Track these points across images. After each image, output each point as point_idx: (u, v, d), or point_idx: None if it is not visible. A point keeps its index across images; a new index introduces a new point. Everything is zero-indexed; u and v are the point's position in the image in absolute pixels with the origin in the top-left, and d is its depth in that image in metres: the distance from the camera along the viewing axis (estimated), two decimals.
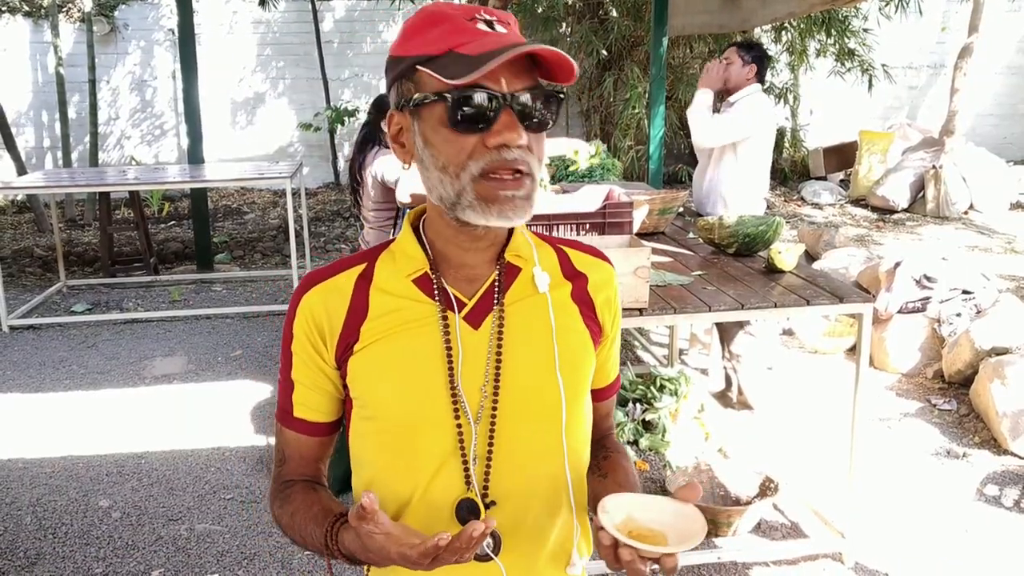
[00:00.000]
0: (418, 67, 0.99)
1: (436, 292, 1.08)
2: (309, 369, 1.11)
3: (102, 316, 5.76)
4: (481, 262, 1.10)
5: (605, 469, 1.19)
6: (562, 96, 1.03)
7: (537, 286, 1.10)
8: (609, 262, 1.20)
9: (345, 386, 1.11)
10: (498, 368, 1.07)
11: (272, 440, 3.85)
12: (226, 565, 2.95)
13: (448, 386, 1.05)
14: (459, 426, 1.06)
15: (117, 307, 6.03)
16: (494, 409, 1.07)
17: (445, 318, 1.07)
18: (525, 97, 0.98)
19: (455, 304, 1.08)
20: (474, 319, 1.08)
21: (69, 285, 6.52)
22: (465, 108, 0.97)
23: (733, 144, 4.02)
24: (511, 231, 1.12)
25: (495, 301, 1.09)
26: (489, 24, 0.99)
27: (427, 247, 1.09)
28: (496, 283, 1.10)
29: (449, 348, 1.06)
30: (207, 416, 4.15)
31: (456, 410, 1.05)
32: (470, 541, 0.90)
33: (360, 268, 1.11)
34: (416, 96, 1.00)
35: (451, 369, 1.05)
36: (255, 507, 3.32)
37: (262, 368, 4.78)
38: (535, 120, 1.00)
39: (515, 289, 1.10)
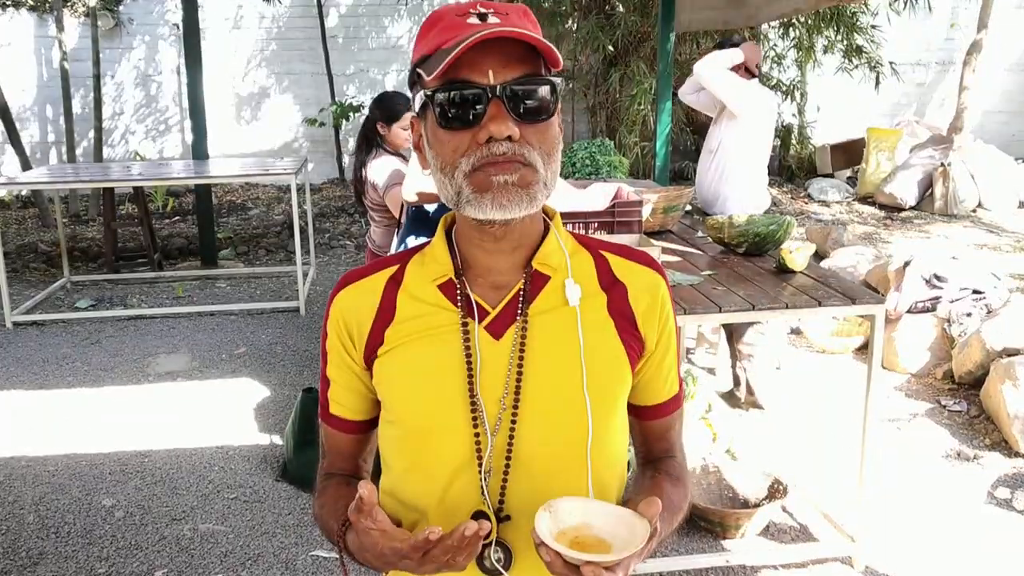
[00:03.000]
0: (417, 70, 1.00)
1: (459, 299, 1.05)
2: (341, 368, 1.11)
3: (106, 312, 5.74)
4: (508, 268, 1.06)
5: (642, 489, 1.12)
6: (556, 82, 0.98)
7: (567, 298, 1.05)
8: (657, 268, 1.13)
9: (374, 387, 1.11)
10: (519, 381, 1.03)
11: (277, 439, 3.83)
12: (230, 566, 2.92)
13: (466, 395, 1.03)
14: (476, 435, 1.03)
15: (121, 303, 6.01)
16: (513, 422, 1.03)
17: (466, 326, 1.04)
18: (514, 87, 0.95)
19: (477, 312, 1.05)
20: (496, 329, 1.05)
21: (73, 281, 6.50)
22: (450, 104, 0.95)
23: (733, 138, 4.01)
24: (543, 235, 1.08)
25: (519, 311, 1.05)
26: (482, 17, 0.97)
27: (455, 252, 1.08)
28: (522, 292, 1.06)
29: (469, 357, 1.03)
30: (211, 414, 4.13)
31: (474, 419, 1.03)
32: (462, 540, 0.88)
33: (392, 270, 1.11)
34: (417, 100, 1.01)
35: (470, 378, 1.03)
36: (259, 507, 3.29)
37: (266, 365, 4.76)
38: (527, 110, 0.96)
39: (542, 299, 1.06)
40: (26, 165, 8.10)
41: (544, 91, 0.97)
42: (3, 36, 9.53)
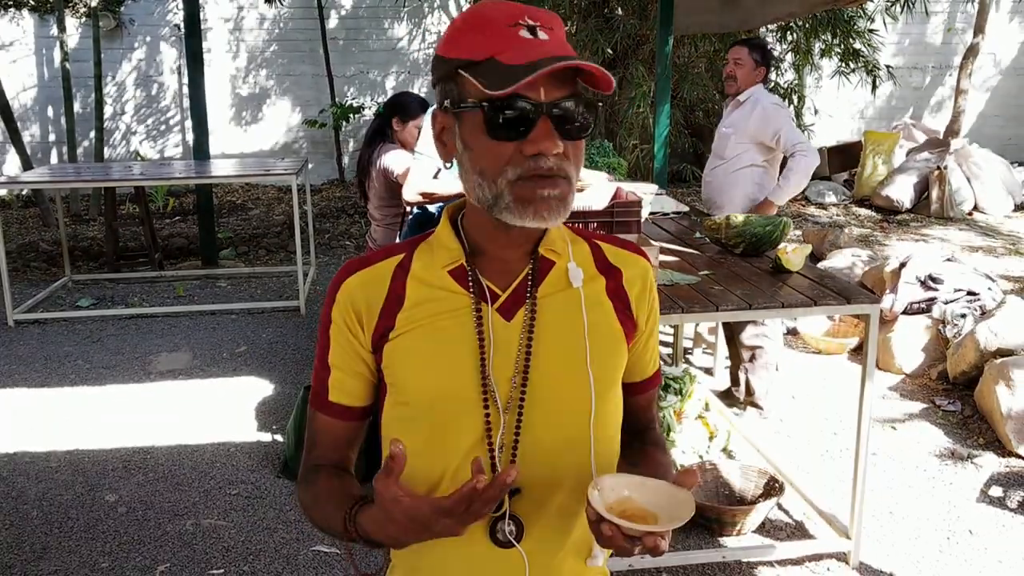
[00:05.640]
0: (460, 71, 1.02)
1: (471, 283, 1.11)
2: (346, 353, 1.14)
3: (107, 311, 5.77)
4: (516, 256, 1.13)
5: (637, 460, 1.20)
6: (600, 104, 1.04)
7: (571, 280, 1.13)
8: (645, 256, 1.22)
9: (379, 372, 1.14)
10: (527, 360, 1.09)
11: (278, 437, 3.86)
12: (231, 561, 2.96)
13: (479, 375, 1.08)
14: (487, 415, 1.08)
15: (122, 302, 6.04)
16: (522, 400, 1.09)
17: (478, 309, 1.10)
18: (563, 106, 1.01)
19: (489, 296, 1.11)
20: (507, 311, 1.11)
21: (74, 280, 6.53)
22: (503, 117, 1.00)
23: (756, 146, 4.01)
24: None
25: (528, 294, 1.12)
26: (531, 30, 1.02)
27: (463, 239, 1.13)
28: (529, 276, 1.12)
29: (481, 339, 1.09)
30: (212, 412, 4.16)
31: (485, 399, 1.08)
32: (503, 487, 0.91)
33: (398, 258, 1.15)
34: (458, 100, 1.04)
35: (483, 359, 1.08)
36: (261, 503, 3.32)
37: (267, 364, 4.79)
38: (573, 128, 1.03)
39: (548, 283, 1.13)
40: (27, 165, 8.12)
41: (586, 110, 1.03)
42: (5, 36, 9.56)
